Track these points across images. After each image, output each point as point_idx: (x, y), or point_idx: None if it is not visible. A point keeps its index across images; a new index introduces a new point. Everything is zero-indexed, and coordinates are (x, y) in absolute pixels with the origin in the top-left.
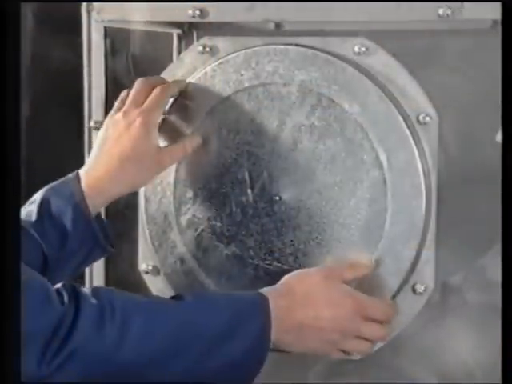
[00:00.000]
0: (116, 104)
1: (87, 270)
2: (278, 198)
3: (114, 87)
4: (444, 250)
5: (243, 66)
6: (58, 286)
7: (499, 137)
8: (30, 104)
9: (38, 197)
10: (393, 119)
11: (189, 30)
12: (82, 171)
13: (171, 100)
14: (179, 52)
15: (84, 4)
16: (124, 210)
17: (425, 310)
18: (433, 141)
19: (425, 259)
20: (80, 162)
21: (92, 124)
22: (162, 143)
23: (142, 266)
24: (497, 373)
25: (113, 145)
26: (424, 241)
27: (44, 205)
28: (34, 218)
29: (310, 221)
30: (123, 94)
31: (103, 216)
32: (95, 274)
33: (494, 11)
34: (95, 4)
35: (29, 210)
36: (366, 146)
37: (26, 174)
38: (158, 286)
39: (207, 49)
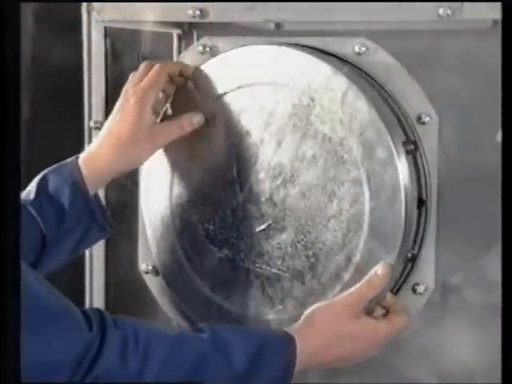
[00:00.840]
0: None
1: (87, 270)
2: (264, 199)
3: (115, 87)
4: (444, 250)
5: (230, 66)
6: (86, 309)
7: (499, 137)
8: (30, 104)
9: (37, 178)
10: (370, 116)
11: (189, 30)
12: (81, 154)
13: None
14: (179, 52)
15: (84, 4)
16: (124, 209)
17: (425, 310)
18: (433, 141)
19: (425, 259)
20: None
21: (92, 124)
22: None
23: (142, 266)
24: (497, 373)
25: (109, 124)
26: (409, 242)
27: (42, 183)
28: (32, 196)
29: (296, 223)
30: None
31: None
32: (95, 273)
33: (494, 11)
34: (95, 4)
35: (28, 190)
36: (345, 145)
37: (26, 173)
38: (158, 286)
39: (207, 49)
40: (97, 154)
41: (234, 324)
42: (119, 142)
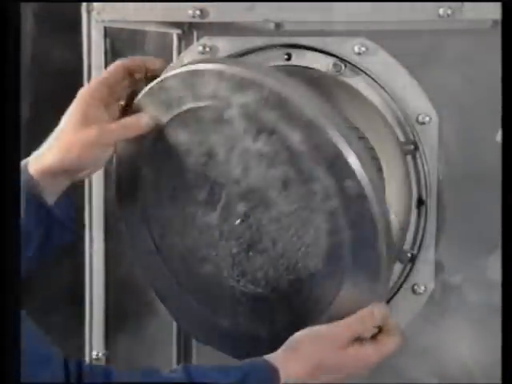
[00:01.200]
0: None
1: (87, 271)
2: (239, 221)
3: None
4: (444, 250)
5: (182, 86)
6: (67, 359)
7: (499, 137)
8: (30, 104)
9: None
10: (339, 146)
11: (189, 30)
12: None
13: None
14: (179, 52)
15: (84, 4)
16: None
17: (425, 310)
18: (433, 141)
19: (424, 259)
20: None
21: None
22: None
23: None
24: (497, 373)
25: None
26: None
27: None
28: None
29: (275, 246)
30: None
31: (103, 220)
32: (95, 274)
33: (494, 11)
34: (95, 4)
35: None
36: (315, 175)
37: None
38: None
39: (207, 49)
40: (43, 154)
41: (225, 338)
42: (63, 138)
